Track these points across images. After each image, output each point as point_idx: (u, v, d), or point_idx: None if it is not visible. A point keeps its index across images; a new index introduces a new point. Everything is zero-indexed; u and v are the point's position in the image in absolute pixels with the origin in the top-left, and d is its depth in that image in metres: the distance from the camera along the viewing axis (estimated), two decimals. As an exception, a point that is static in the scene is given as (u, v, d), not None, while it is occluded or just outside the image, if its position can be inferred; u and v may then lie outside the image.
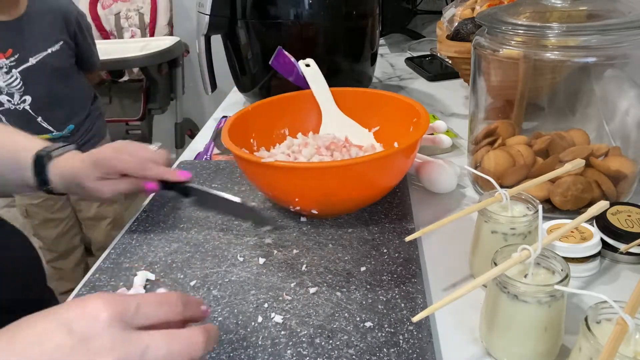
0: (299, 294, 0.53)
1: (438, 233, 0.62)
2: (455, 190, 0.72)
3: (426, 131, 0.63)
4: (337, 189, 0.60)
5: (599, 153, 0.64)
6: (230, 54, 1.04)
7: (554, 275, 0.43)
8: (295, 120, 0.78)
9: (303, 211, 0.64)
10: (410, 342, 0.46)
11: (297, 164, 0.62)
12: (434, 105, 1.05)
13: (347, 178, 0.59)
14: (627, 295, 0.37)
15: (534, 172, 0.65)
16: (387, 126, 0.75)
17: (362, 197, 0.64)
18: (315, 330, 0.48)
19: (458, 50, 0.93)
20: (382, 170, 0.61)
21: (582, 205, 0.62)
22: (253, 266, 0.58)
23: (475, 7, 1.00)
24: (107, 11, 2.56)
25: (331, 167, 0.59)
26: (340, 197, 0.62)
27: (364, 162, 0.58)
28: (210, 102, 2.43)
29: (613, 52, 0.60)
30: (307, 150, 0.69)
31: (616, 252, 0.55)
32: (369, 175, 0.61)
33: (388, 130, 0.75)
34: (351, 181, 0.60)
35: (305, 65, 0.81)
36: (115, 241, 0.65)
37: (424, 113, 0.66)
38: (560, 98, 0.71)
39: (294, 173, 0.59)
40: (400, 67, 1.33)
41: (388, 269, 0.56)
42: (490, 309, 0.45)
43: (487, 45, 0.66)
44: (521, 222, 0.50)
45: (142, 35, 2.54)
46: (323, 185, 0.59)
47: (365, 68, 1.05)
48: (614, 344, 0.33)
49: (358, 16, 0.98)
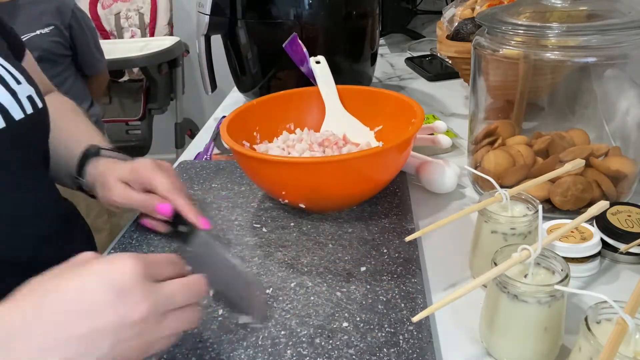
0: (299, 294, 0.53)
1: (438, 233, 0.62)
2: (455, 190, 0.72)
3: (417, 131, 0.63)
4: (321, 184, 0.61)
5: (599, 153, 0.64)
6: (230, 54, 1.04)
7: (554, 275, 0.43)
8: (301, 116, 0.79)
9: (291, 204, 0.65)
10: (410, 342, 0.46)
11: (274, 157, 0.62)
12: (434, 105, 1.05)
13: (329, 174, 0.60)
14: (627, 295, 0.37)
15: (534, 172, 0.65)
16: (390, 125, 0.75)
17: (350, 194, 0.64)
18: (315, 330, 0.48)
19: (458, 50, 0.93)
20: (367, 167, 0.61)
21: (582, 205, 0.62)
22: (253, 266, 0.58)
23: (475, 7, 1.00)
24: (107, 11, 2.56)
25: (309, 163, 0.60)
26: (326, 193, 0.62)
27: (346, 160, 0.59)
28: (210, 102, 2.43)
29: (613, 52, 0.60)
30: (300, 146, 0.71)
31: (616, 252, 0.55)
32: (353, 172, 0.60)
33: (390, 129, 0.75)
34: (335, 177, 0.60)
35: (316, 62, 0.82)
36: (115, 241, 0.65)
37: (420, 112, 0.66)
38: (560, 98, 0.71)
39: (274, 166, 0.60)
40: (400, 67, 1.33)
41: (388, 269, 0.56)
42: (490, 309, 0.45)
43: (487, 45, 0.66)
44: (521, 222, 0.50)
45: (142, 35, 2.54)
46: (307, 180, 0.60)
47: (365, 68, 1.05)
48: (614, 344, 0.33)
49: (358, 16, 0.98)
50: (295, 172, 0.60)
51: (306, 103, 0.80)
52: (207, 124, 1.05)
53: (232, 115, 0.70)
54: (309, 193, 0.62)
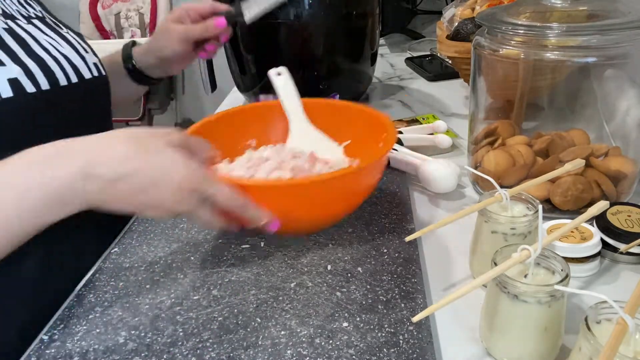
0: (299, 294, 0.53)
1: (438, 233, 0.62)
2: (455, 190, 0.72)
3: (389, 150, 0.59)
4: (295, 208, 0.56)
5: (599, 153, 0.64)
6: (230, 54, 1.04)
7: (554, 275, 0.43)
8: (263, 132, 0.73)
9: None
10: (410, 342, 0.46)
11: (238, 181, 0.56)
12: (434, 105, 1.05)
13: (293, 199, 0.55)
14: (627, 295, 0.37)
15: (534, 172, 0.65)
16: (358, 140, 0.70)
17: (320, 218, 0.60)
18: (315, 330, 0.48)
19: (458, 50, 0.93)
20: (336, 192, 0.57)
21: (582, 205, 0.62)
22: (253, 266, 0.58)
23: (475, 7, 1.00)
24: (107, 11, 2.56)
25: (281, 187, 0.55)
26: (292, 218, 0.57)
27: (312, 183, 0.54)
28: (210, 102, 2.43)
29: (613, 52, 0.60)
30: (267, 166, 0.64)
31: (616, 252, 0.55)
32: (321, 196, 0.56)
33: (359, 143, 0.70)
34: (299, 202, 0.56)
35: (277, 74, 0.74)
36: (116, 241, 0.65)
37: (389, 125, 0.63)
38: (560, 98, 0.71)
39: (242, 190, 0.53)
40: (400, 67, 1.33)
41: (388, 269, 0.56)
42: (490, 309, 0.45)
43: (487, 45, 0.66)
44: (521, 222, 0.50)
45: (142, 35, 2.54)
46: (279, 204, 0.55)
47: (365, 68, 1.05)
48: (614, 344, 0.33)
49: (358, 16, 0.98)
50: (265, 197, 0.54)
51: (269, 117, 0.74)
52: (207, 124, 1.05)
53: (189, 132, 0.64)
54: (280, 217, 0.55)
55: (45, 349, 0.48)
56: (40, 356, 0.47)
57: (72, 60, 0.63)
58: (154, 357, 0.47)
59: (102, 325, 0.51)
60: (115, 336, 0.49)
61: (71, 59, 0.63)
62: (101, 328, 0.50)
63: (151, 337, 0.49)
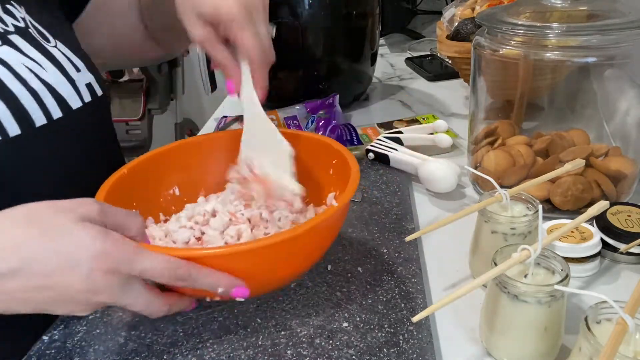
0: (299, 294, 0.53)
1: (438, 233, 0.62)
2: (455, 190, 0.72)
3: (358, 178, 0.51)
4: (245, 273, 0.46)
5: (599, 153, 0.64)
6: (230, 54, 1.04)
7: (554, 275, 0.43)
8: (186, 175, 0.62)
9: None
10: (410, 342, 0.46)
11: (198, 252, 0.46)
12: (434, 105, 1.05)
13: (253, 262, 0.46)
14: (627, 295, 0.37)
15: (534, 172, 0.65)
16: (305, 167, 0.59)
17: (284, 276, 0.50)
18: (315, 330, 0.48)
19: (458, 50, 0.93)
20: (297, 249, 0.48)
21: (582, 205, 0.62)
22: (253, 266, 0.57)
23: (475, 7, 1.00)
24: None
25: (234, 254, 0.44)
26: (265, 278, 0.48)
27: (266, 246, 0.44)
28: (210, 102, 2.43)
29: (613, 52, 0.60)
30: (216, 221, 0.54)
31: (616, 252, 0.55)
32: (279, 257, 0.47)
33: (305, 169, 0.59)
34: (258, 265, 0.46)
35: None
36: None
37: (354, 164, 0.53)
38: (560, 98, 0.71)
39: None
40: (400, 67, 1.33)
41: (388, 269, 0.56)
42: (490, 309, 0.45)
43: (487, 45, 0.66)
44: (521, 222, 0.50)
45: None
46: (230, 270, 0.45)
47: (365, 68, 1.05)
48: (614, 344, 0.33)
49: (358, 16, 0.98)
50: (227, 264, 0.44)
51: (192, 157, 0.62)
52: (207, 124, 1.05)
53: (104, 193, 0.51)
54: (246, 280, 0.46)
55: (45, 349, 0.48)
56: (41, 356, 0.47)
57: (57, 89, 0.53)
58: (154, 357, 0.47)
59: (102, 326, 0.51)
60: (115, 336, 0.49)
61: (55, 87, 0.53)
62: (101, 328, 0.50)
63: (151, 338, 0.49)
